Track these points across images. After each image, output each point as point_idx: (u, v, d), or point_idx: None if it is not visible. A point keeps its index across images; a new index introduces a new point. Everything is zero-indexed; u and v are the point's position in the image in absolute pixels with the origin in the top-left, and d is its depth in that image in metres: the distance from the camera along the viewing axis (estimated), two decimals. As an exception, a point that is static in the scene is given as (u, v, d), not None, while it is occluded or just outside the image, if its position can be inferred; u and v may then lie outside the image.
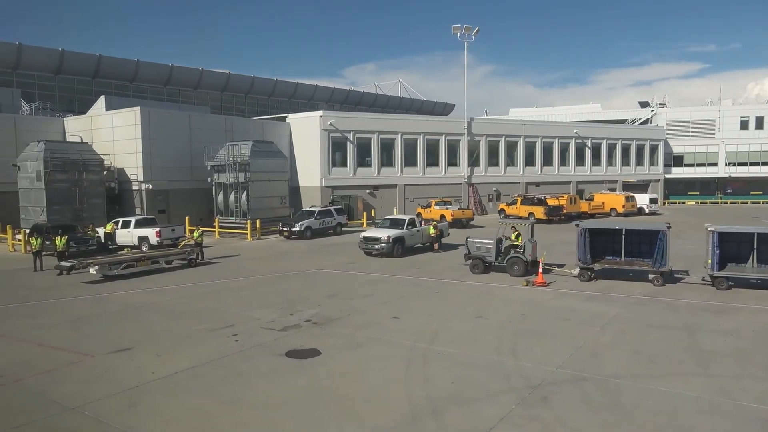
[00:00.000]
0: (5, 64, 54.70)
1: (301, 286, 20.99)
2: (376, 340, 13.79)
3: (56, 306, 18.26)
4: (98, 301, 18.84)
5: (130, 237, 31.78)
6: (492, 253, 22.78)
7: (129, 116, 39.33)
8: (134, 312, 17.18)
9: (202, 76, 72.17)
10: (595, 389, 10.49)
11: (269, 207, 39.82)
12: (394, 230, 28.22)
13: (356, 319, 15.89)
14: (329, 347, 13.17)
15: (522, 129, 58.45)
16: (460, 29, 53.18)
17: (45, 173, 34.60)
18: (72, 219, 35.06)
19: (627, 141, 65.61)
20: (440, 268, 24.75)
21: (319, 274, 23.49)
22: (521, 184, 58.28)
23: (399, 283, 21.21)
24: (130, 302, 18.54)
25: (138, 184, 39.08)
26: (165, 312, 17.11)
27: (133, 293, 20.14)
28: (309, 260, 27.55)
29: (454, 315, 16.25)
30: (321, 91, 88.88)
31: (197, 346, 13.47)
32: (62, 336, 14.58)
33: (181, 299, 18.92)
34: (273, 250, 31.79)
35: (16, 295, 20.15)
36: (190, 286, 21.34)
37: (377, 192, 50.25)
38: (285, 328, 15.03)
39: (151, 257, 24.30)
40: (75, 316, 16.76)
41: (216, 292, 20.09)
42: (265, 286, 21.02)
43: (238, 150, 38.18)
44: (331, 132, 48.05)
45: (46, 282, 22.76)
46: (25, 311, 17.54)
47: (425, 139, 52.61)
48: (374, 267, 24.97)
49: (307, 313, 16.54)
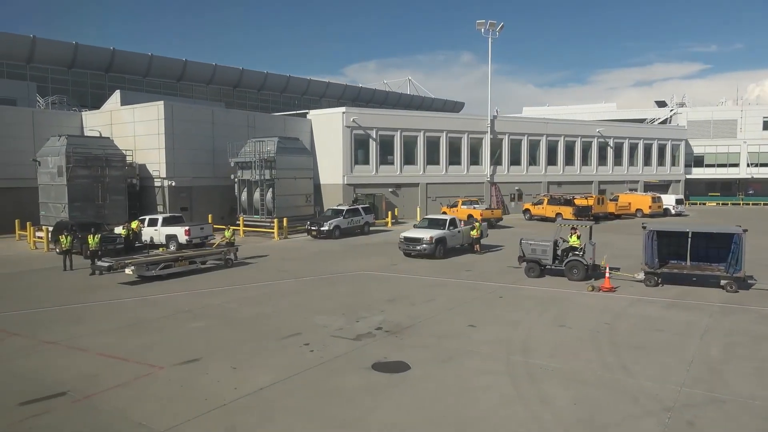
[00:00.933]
0: (19, 57, 53.57)
1: (352, 289, 19.90)
2: (465, 352, 12.69)
3: (102, 310, 17.15)
4: (145, 305, 17.73)
5: (157, 235, 30.66)
6: (549, 255, 21.69)
7: (152, 111, 38.18)
8: (188, 317, 16.07)
9: (216, 71, 71.07)
10: (740, 412, 9.41)
11: (294, 205, 38.71)
12: (436, 231, 27.12)
13: (430, 327, 14.79)
14: (417, 360, 12.08)
15: (545, 127, 57.33)
16: (484, 25, 52.01)
17: (67, 169, 33.47)
18: (94, 216, 33.98)
19: (648, 141, 64.53)
20: (490, 270, 23.65)
21: (365, 277, 22.39)
22: (543, 184, 57.18)
23: (455, 287, 20.11)
24: (179, 306, 17.43)
25: (160, 181, 37.97)
26: (220, 318, 16.00)
27: (178, 296, 19.03)
28: (347, 261, 26.44)
29: (533, 323, 15.16)
30: (333, 88, 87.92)
31: (272, 358, 12.37)
32: (120, 344, 13.47)
33: (231, 303, 17.81)
34: (305, 250, 30.67)
35: (55, 297, 19.03)
36: (234, 288, 20.22)
37: (399, 191, 49.16)
38: (358, 336, 13.93)
39: (188, 257, 23.19)
40: (126, 321, 15.64)
41: (265, 295, 18.98)
42: (314, 290, 19.90)
43: (264, 146, 37.04)
44: (354, 129, 46.91)
45: (80, 282, 21.64)
46: (70, 315, 16.43)
47: (448, 137, 51.48)
48: (420, 269, 23.88)
49: (374, 320, 15.45)
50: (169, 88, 66.37)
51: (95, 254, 23.73)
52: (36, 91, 48.84)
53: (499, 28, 52.57)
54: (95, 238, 24.01)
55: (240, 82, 74.22)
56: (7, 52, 52.47)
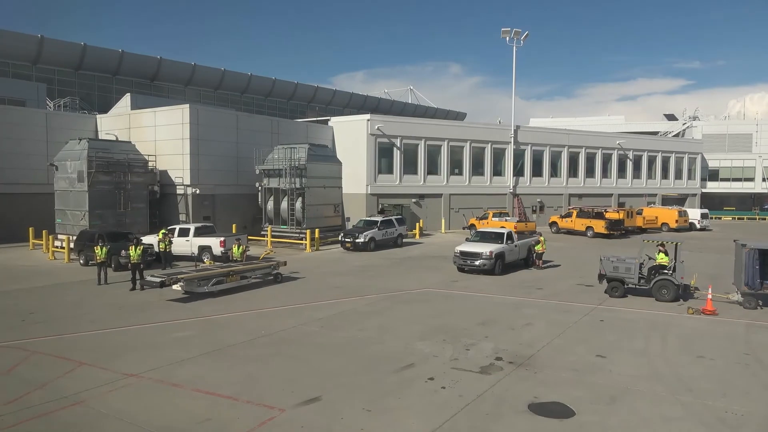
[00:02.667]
0: (26, 58, 51.33)
1: (431, 310, 18.18)
2: (623, 390, 11.05)
3: (167, 333, 15.24)
4: (212, 327, 15.85)
5: (189, 246, 28.69)
6: (634, 274, 20.18)
7: (176, 114, 36.24)
8: (271, 343, 14.23)
9: (224, 77, 69.20)
10: None
11: (323, 215, 36.90)
12: (494, 245, 25.51)
13: (555, 357, 13.14)
14: (576, 401, 10.41)
15: (567, 139, 56.24)
16: (509, 33, 51.02)
17: (88, 174, 31.36)
18: (115, 225, 31.94)
19: (666, 153, 63.79)
20: (561, 289, 22.08)
21: (433, 295, 20.69)
22: (564, 196, 56.03)
23: (542, 309, 18.48)
24: (251, 329, 15.58)
25: (183, 188, 35.96)
26: (308, 344, 14.18)
27: (242, 317, 17.17)
28: (400, 277, 24.72)
29: (664, 353, 13.58)
30: (340, 96, 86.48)
31: (404, 397, 10.62)
32: (214, 377, 11.63)
33: (309, 326, 15.99)
34: (346, 263, 28.87)
35: (107, 316, 17.07)
36: (300, 308, 18.39)
37: (423, 201, 47.60)
38: (483, 369, 12.23)
39: (239, 272, 21.30)
40: (204, 347, 13.77)
41: (340, 316, 17.19)
42: (390, 310, 18.15)
43: (296, 153, 35.25)
44: (378, 137, 45.34)
45: (124, 299, 19.69)
46: (136, 340, 14.51)
47: (472, 147, 50.11)
48: (487, 287, 22.23)
49: (485, 348, 13.77)
50: (175, 93, 64.37)
51: (137, 267, 21.75)
52: (45, 93, 46.59)
53: (523, 37, 51.58)
54: (137, 250, 21.98)
55: (248, 88, 72.39)
56: (13, 51, 50.23)
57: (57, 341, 14.33)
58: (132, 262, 21.71)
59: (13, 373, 11.87)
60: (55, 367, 12.21)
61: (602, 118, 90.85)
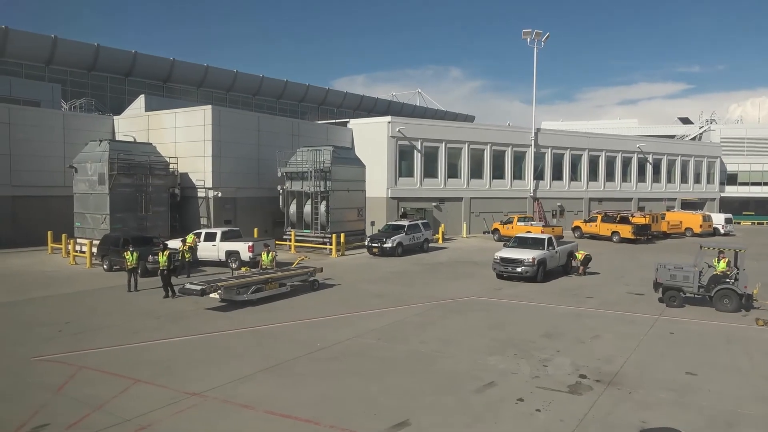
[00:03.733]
0: (39, 58, 50.48)
1: (487, 320, 17.25)
2: (737, 414, 10.12)
3: (216, 345, 14.31)
4: (261, 339, 14.91)
5: (215, 251, 27.77)
6: (692, 282, 19.24)
7: (197, 116, 35.38)
8: (329, 357, 13.30)
9: (236, 78, 68.36)
10: None
11: (347, 220, 35.98)
12: (536, 251, 24.57)
13: (644, 375, 12.20)
14: (689, 425, 9.47)
15: (587, 142, 55.35)
16: (530, 34, 50.18)
17: (110, 176, 30.45)
18: (135, 229, 31.02)
19: (686, 157, 62.89)
20: (612, 297, 21.16)
21: (482, 304, 19.75)
22: (585, 200, 55.12)
23: (602, 319, 17.55)
24: (303, 341, 14.65)
25: (204, 191, 35.08)
26: (370, 358, 13.25)
27: (288, 327, 16.24)
28: (439, 284, 23.80)
29: (757, 371, 12.65)
30: (350, 98, 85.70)
31: (501, 422, 9.70)
32: (282, 397, 10.70)
33: (364, 338, 15.06)
34: (376, 269, 27.93)
35: (148, 327, 16.12)
36: (348, 318, 17.47)
37: (443, 205, 46.68)
38: (571, 389, 11.30)
39: (278, 279, 20.38)
40: (261, 362, 12.83)
41: (393, 327, 16.25)
42: (443, 320, 17.22)
43: (320, 155, 34.35)
44: (399, 139, 44.48)
45: (159, 307, 18.76)
46: (186, 353, 13.58)
47: (492, 150, 49.22)
48: (535, 295, 21.31)
49: (563, 364, 12.84)
50: (188, 95, 63.53)
51: (172, 273, 20.76)
52: (60, 94, 45.74)
53: (544, 38, 50.73)
54: (164, 256, 20.98)
55: (260, 90, 71.54)
56: (27, 52, 49.39)
57: (102, 355, 13.40)
58: (161, 269, 20.73)
59: (64, 392, 10.94)
60: (107, 385, 11.29)
61: (615, 121, 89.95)
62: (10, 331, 15.40)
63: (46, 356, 13.22)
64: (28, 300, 19.80)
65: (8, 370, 12.16)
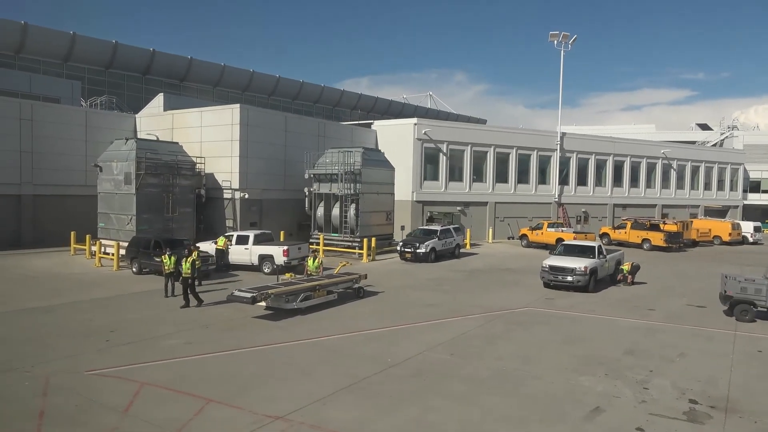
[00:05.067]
0: (57, 55, 49.60)
1: (559, 335, 16.20)
2: None
3: (279, 359, 13.30)
4: (324, 353, 13.88)
5: (248, 255, 26.79)
6: (765, 296, 18.20)
7: (225, 115, 34.44)
8: (406, 375, 12.27)
9: (252, 78, 67.50)
10: None
11: (375, 223, 34.95)
12: (587, 259, 23.53)
13: (758, 401, 11.18)
14: None
15: (612, 147, 54.34)
16: (557, 36, 49.14)
17: (137, 176, 29.49)
18: (161, 230, 30.08)
19: (709, 164, 61.87)
20: (676, 310, 20.12)
21: (541, 316, 18.73)
22: (609, 206, 54.08)
23: (680, 335, 16.51)
24: (369, 355, 13.65)
25: (231, 192, 34.10)
26: (459, 379, 12.17)
27: (348, 339, 15.23)
28: (486, 293, 22.77)
29: None
30: (365, 100, 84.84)
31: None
32: (383, 424, 9.68)
33: (436, 353, 14.02)
34: (414, 276, 26.90)
35: (197, 337, 15.10)
36: (408, 329, 16.45)
37: (468, 209, 45.67)
38: (689, 416, 10.28)
39: (325, 286, 19.37)
40: (336, 381, 11.79)
41: (464, 341, 15.22)
42: (513, 334, 16.16)
43: (351, 157, 33.35)
44: (425, 142, 43.52)
45: (203, 315, 17.75)
46: (249, 368, 12.55)
47: (517, 154, 48.24)
48: (595, 306, 20.29)
49: (663, 386, 11.83)
50: (204, 94, 62.65)
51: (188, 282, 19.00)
52: (80, 91, 44.83)
53: (572, 41, 49.73)
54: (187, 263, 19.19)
55: (276, 90, 70.66)
56: (45, 48, 48.53)
57: (160, 369, 12.39)
58: (183, 276, 19.07)
59: (133, 413, 9.93)
60: (178, 405, 10.28)
61: (632, 126, 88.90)
62: (55, 341, 14.41)
63: (100, 370, 12.23)
64: (64, 305, 18.81)
65: (66, 387, 11.17)
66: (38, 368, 12.22)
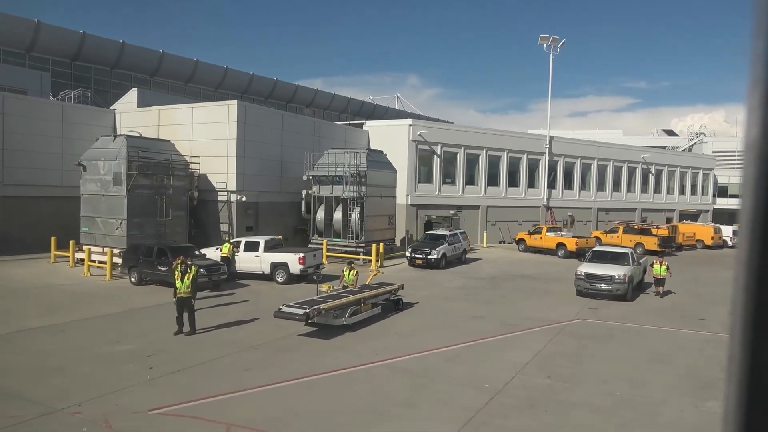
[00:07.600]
0: (19, 44, 45.63)
1: (638, 352, 15.14)
2: None
3: (362, 388, 11.65)
4: (414, 380, 12.30)
5: (258, 263, 24.77)
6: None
7: (220, 111, 32.15)
8: (530, 408, 10.86)
9: (226, 75, 64.70)
10: None
11: (378, 228, 33.46)
12: (624, 266, 22.75)
13: None
14: None
15: (596, 151, 54.59)
16: (547, 40, 48.81)
17: (128, 176, 26.97)
18: (154, 235, 27.69)
19: (683, 169, 63.25)
20: (719, 319, 19.49)
21: (600, 328, 17.70)
22: (593, 210, 54.29)
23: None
24: (458, 378, 12.19)
25: (227, 194, 31.83)
26: (581, 408, 10.87)
27: (417, 360, 13.71)
28: (523, 303, 21.66)
29: None
30: (338, 100, 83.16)
31: None
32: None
33: (534, 377, 12.66)
34: (432, 284, 25.53)
35: (251, 361, 13.23)
36: (472, 347, 15.05)
37: (460, 213, 44.67)
38: None
39: (368, 298, 17.75)
40: (445, 413, 10.29)
41: (547, 360, 13.92)
42: (591, 351, 15.00)
43: (357, 159, 31.70)
44: (420, 144, 42.28)
45: (241, 335, 15.82)
46: (333, 401, 10.87)
47: (508, 157, 47.66)
48: (644, 317, 19.46)
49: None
50: (175, 90, 59.40)
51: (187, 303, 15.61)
52: (50, 83, 41.27)
53: (560, 44, 49.58)
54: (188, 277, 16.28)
55: (249, 89, 67.96)
56: (6, 36, 44.53)
57: (239, 404, 10.54)
58: (180, 296, 15.44)
59: (240, 468, 8.14)
60: (289, 455, 8.54)
61: (602, 131, 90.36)
62: (90, 371, 12.26)
63: (164, 408, 10.27)
64: (73, 323, 16.47)
65: (136, 433, 9.22)
66: (88, 408, 10.16)
